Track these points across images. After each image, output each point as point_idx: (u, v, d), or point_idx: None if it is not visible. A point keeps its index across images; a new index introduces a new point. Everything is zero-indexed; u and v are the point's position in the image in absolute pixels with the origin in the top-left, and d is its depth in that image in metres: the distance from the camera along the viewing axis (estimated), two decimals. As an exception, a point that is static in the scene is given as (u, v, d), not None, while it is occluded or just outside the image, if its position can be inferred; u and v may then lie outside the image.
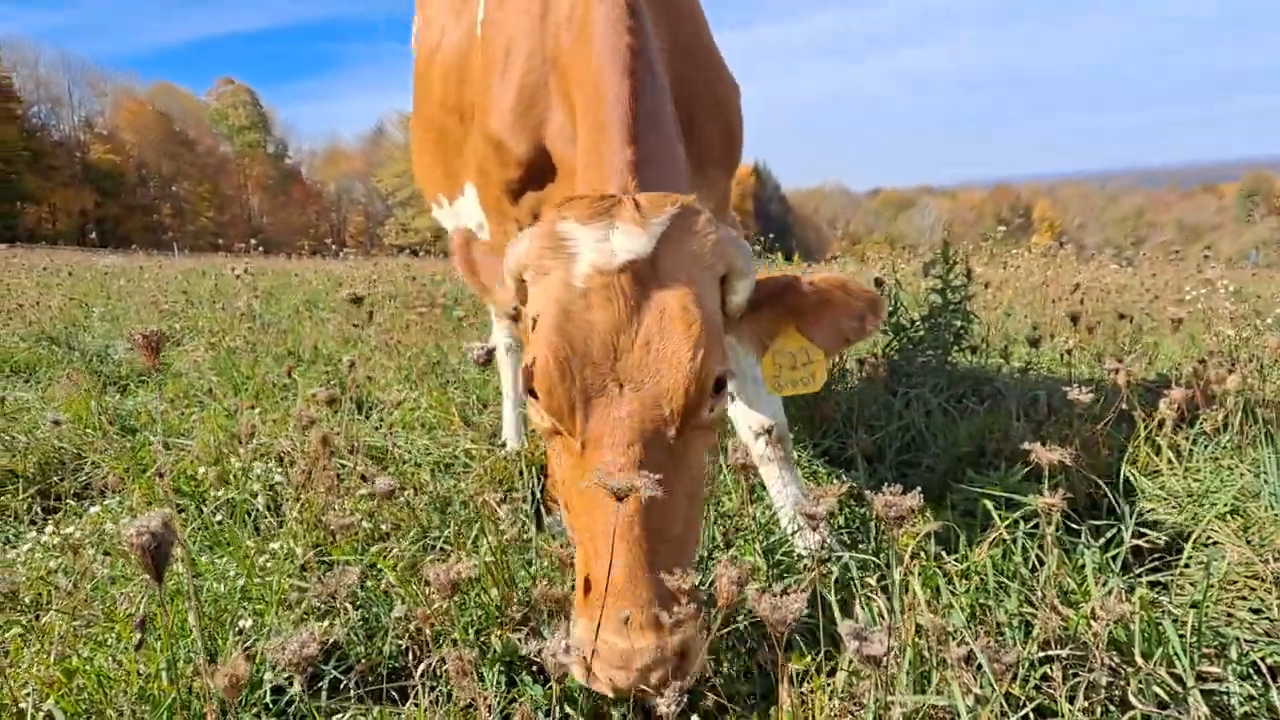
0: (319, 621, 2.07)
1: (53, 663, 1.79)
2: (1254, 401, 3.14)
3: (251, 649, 1.88)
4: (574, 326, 1.81)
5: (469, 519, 2.73)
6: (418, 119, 3.67)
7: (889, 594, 1.95)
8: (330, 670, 1.95)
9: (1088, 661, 1.69)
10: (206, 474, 3.17)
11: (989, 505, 2.29)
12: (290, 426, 3.58)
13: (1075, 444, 2.73)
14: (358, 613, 2.09)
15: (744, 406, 2.93)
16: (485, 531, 2.36)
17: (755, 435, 2.80)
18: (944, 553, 2.18)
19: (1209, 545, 2.44)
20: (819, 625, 1.91)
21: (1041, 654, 1.75)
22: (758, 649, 2.05)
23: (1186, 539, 2.40)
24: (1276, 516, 2.46)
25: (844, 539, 2.66)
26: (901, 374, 4.05)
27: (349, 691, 1.93)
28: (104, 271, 15.27)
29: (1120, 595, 1.77)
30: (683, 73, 2.57)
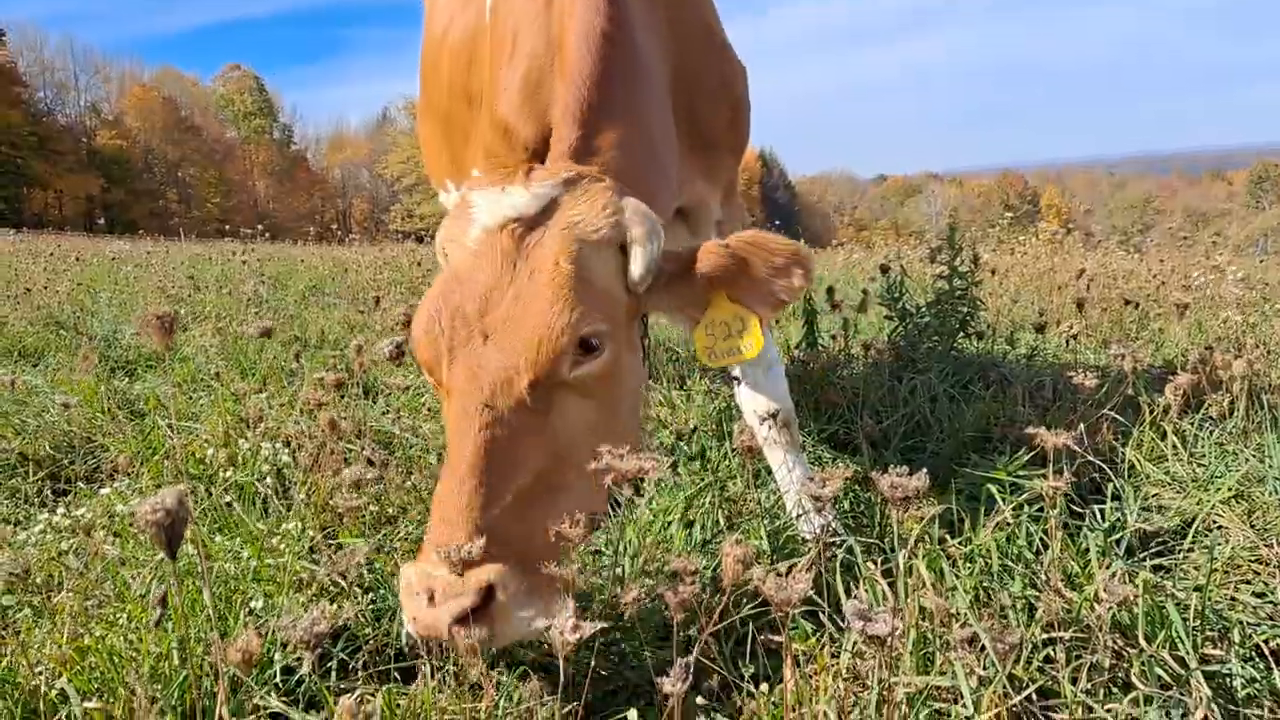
0: (329, 603, 2.08)
1: (66, 641, 1.81)
2: (1260, 387, 3.14)
3: (263, 627, 1.89)
4: (456, 283, 1.89)
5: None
6: (425, 105, 3.66)
7: (893, 577, 1.96)
8: (338, 652, 1.97)
9: (1091, 644, 1.70)
10: (216, 455, 3.19)
11: (993, 489, 2.29)
12: (298, 410, 3.60)
13: (1080, 429, 2.73)
14: (366, 596, 2.11)
15: (749, 391, 2.94)
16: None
17: (760, 420, 2.81)
18: (948, 536, 2.19)
19: (1213, 530, 2.44)
20: (822, 608, 1.93)
21: (1045, 636, 1.76)
22: (761, 631, 2.07)
23: (1191, 523, 2.41)
24: (1281, 501, 2.46)
25: (848, 523, 2.68)
26: (907, 360, 4.05)
27: (357, 673, 1.95)
28: (111, 257, 15.29)
29: (1124, 578, 1.78)
30: (685, 57, 2.56)
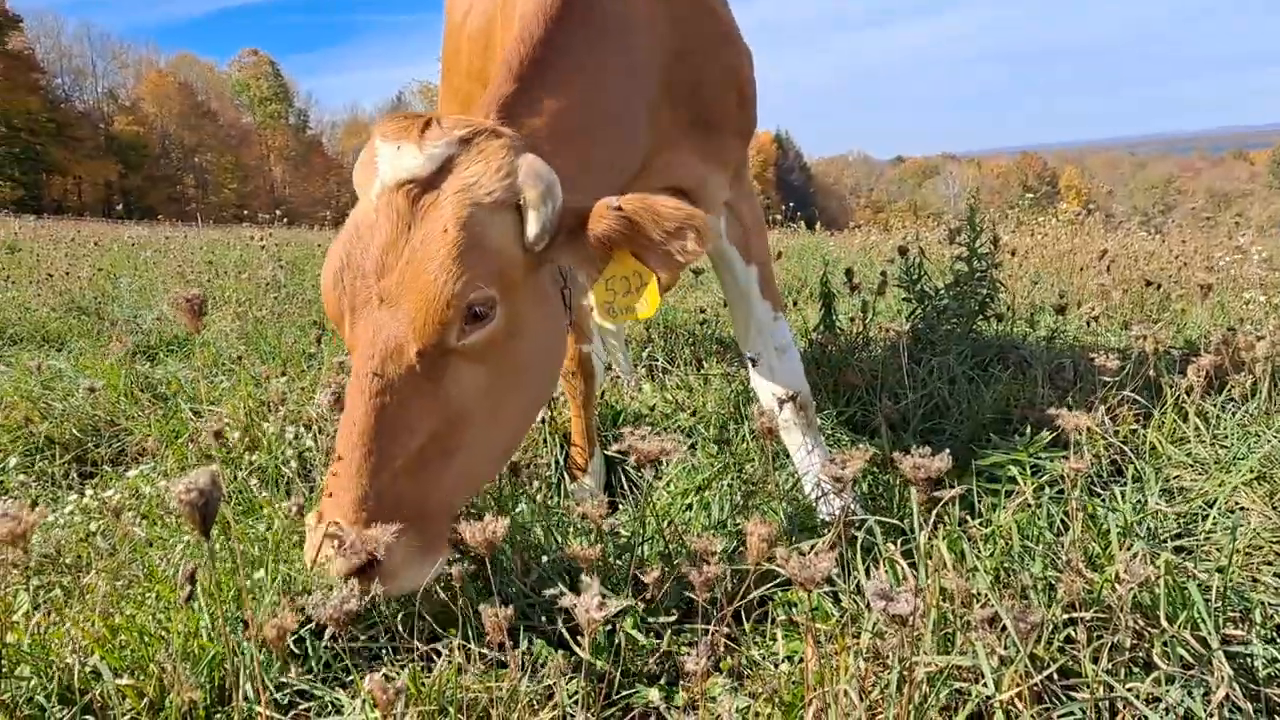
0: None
1: (98, 620, 1.84)
2: (1283, 368, 3.11)
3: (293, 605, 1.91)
4: (357, 238, 1.89)
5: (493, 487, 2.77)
6: (445, 88, 3.67)
7: (913, 558, 1.97)
8: (351, 636, 2.00)
9: (1112, 624, 1.70)
10: (240, 439, 3.22)
11: (1013, 470, 2.29)
12: (318, 394, 3.63)
13: (1101, 410, 2.73)
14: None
15: (765, 374, 2.94)
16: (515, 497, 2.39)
17: (779, 402, 2.81)
18: (968, 518, 2.20)
19: (1235, 511, 2.44)
20: (843, 589, 1.94)
21: (1065, 616, 1.76)
22: (781, 610, 2.08)
23: (1212, 505, 2.40)
24: (1304, 483, 2.45)
25: (868, 505, 2.68)
26: (926, 342, 4.04)
27: (381, 653, 1.97)
28: (130, 243, 15.38)
29: (1145, 559, 1.78)
30: (687, 40, 2.55)
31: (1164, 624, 1.72)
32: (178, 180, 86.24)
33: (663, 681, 1.95)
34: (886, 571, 1.91)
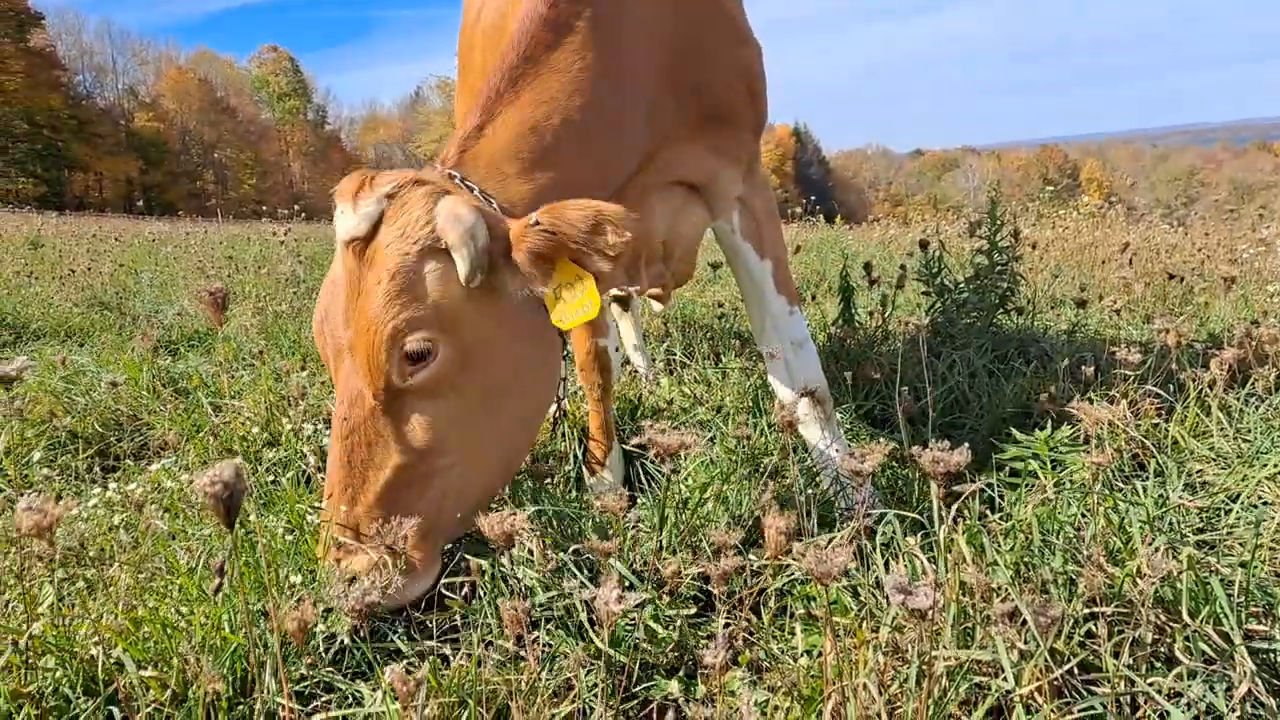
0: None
1: (121, 612, 1.86)
2: (1308, 362, 3.08)
3: (315, 599, 1.93)
4: (331, 293, 2.11)
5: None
6: (461, 85, 3.67)
7: (932, 552, 1.96)
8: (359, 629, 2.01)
9: (1133, 619, 1.69)
10: (259, 434, 3.25)
11: (1034, 464, 2.28)
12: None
13: (1123, 404, 2.70)
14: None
15: (782, 369, 2.93)
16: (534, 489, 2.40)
17: (798, 397, 2.80)
18: (988, 512, 2.19)
19: (1258, 505, 2.41)
20: (862, 583, 1.93)
21: (1086, 611, 1.75)
22: (799, 604, 2.08)
23: (1235, 499, 2.38)
24: (1328, 477, 2.42)
25: (886, 499, 2.67)
26: (945, 336, 4.02)
27: (400, 647, 1.98)
28: (151, 238, 15.50)
29: (1167, 554, 1.77)
30: (692, 38, 2.55)
31: (1186, 619, 1.71)
32: (197, 176, 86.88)
33: (681, 674, 1.96)
34: (905, 566, 1.91)
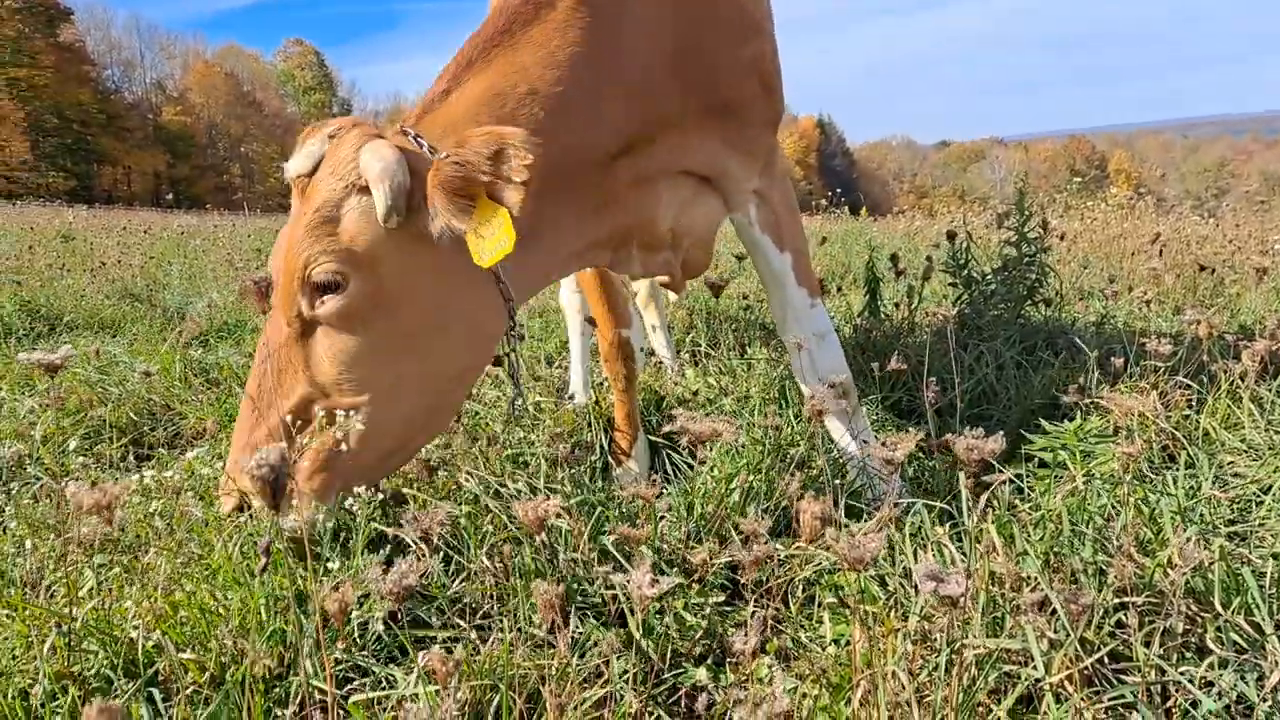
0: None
1: (160, 596, 1.89)
2: (1341, 353, 3.04)
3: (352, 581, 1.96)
4: (286, 228, 2.24)
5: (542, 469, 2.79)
6: None
7: (961, 542, 1.97)
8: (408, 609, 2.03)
9: (1164, 609, 1.69)
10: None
11: (1063, 455, 2.27)
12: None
13: (1153, 395, 2.69)
14: (438, 555, 2.16)
15: (805, 360, 2.93)
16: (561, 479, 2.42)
17: (821, 388, 2.80)
18: (1017, 502, 2.19)
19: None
20: (890, 572, 1.94)
21: (1116, 601, 1.75)
22: (827, 593, 2.08)
23: (1267, 491, 2.37)
24: (1362, 469, 2.40)
25: (913, 490, 2.67)
26: (973, 328, 4.01)
27: (433, 632, 2.01)
28: (179, 231, 15.67)
29: (1199, 544, 1.76)
30: (699, 28, 2.55)
31: (1218, 609, 1.71)
32: (224, 170, 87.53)
33: (709, 662, 1.97)
34: (934, 555, 1.91)
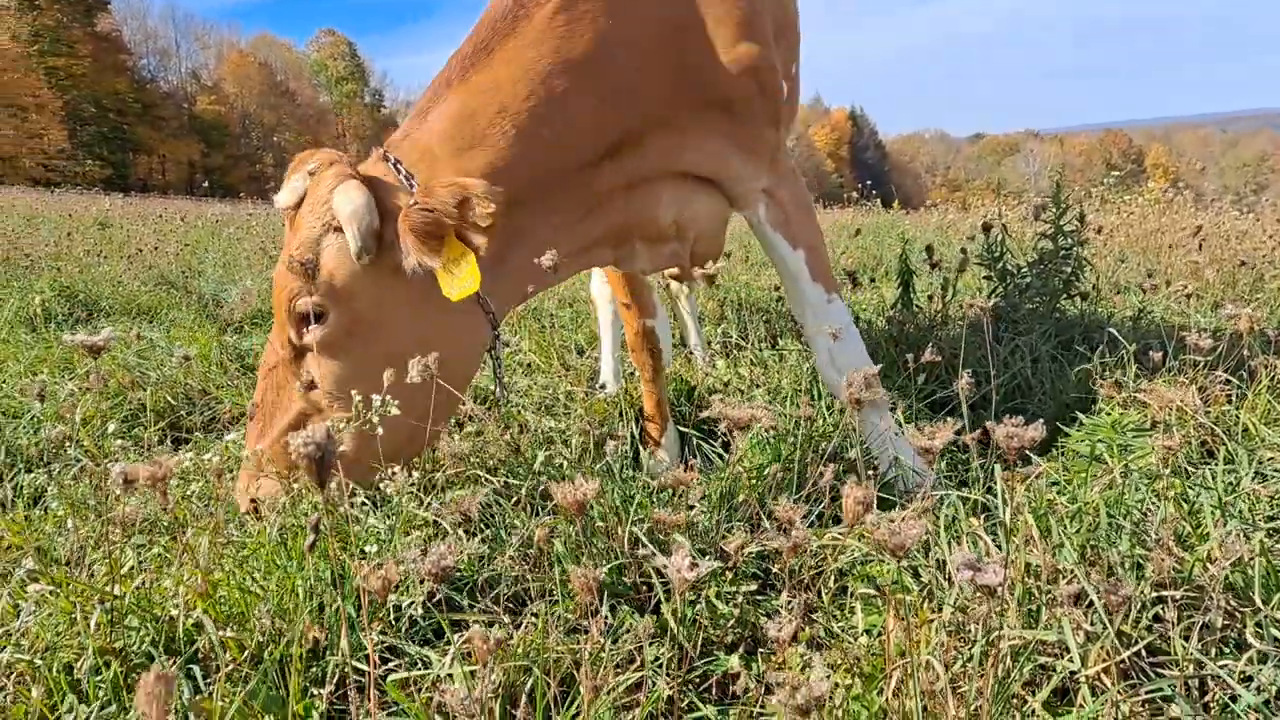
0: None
1: (201, 573, 1.92)
2: (1385, 350, 2.99)
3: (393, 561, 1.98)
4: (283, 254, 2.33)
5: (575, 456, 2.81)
6: None
7: (996, 535, 1.96)
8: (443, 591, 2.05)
9: (1203, 603, 1.67)
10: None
11: (1101, 449, 2.25)
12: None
13: (1192, 390, 2.66)
14: (474, 539, 2.18)
15: (825, 356, 2.90)
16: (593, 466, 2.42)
17: (844, 383, 2.79)
18: (1054, 495, 2.17)
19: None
20: (924, 563, 1.93)
21: (1154, 595, 1.74)
22: (860, 584, 2.08)
23: (1309, 487, 2.34)
24: (1406, 467, 2.36)
25: (946, 483, 2.66)
26: (1007, 321, 3.98)
27: (466, 614, 2.02)
28: (214, 220, 15.83)
29: (1238, 539, 1.74)
30: (684, 35, 2.55)
31: (1258, 604, 1.69)
32: (257, 159, 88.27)
33: (741, 651, 1.97)
34: (969, 546, 1.90)
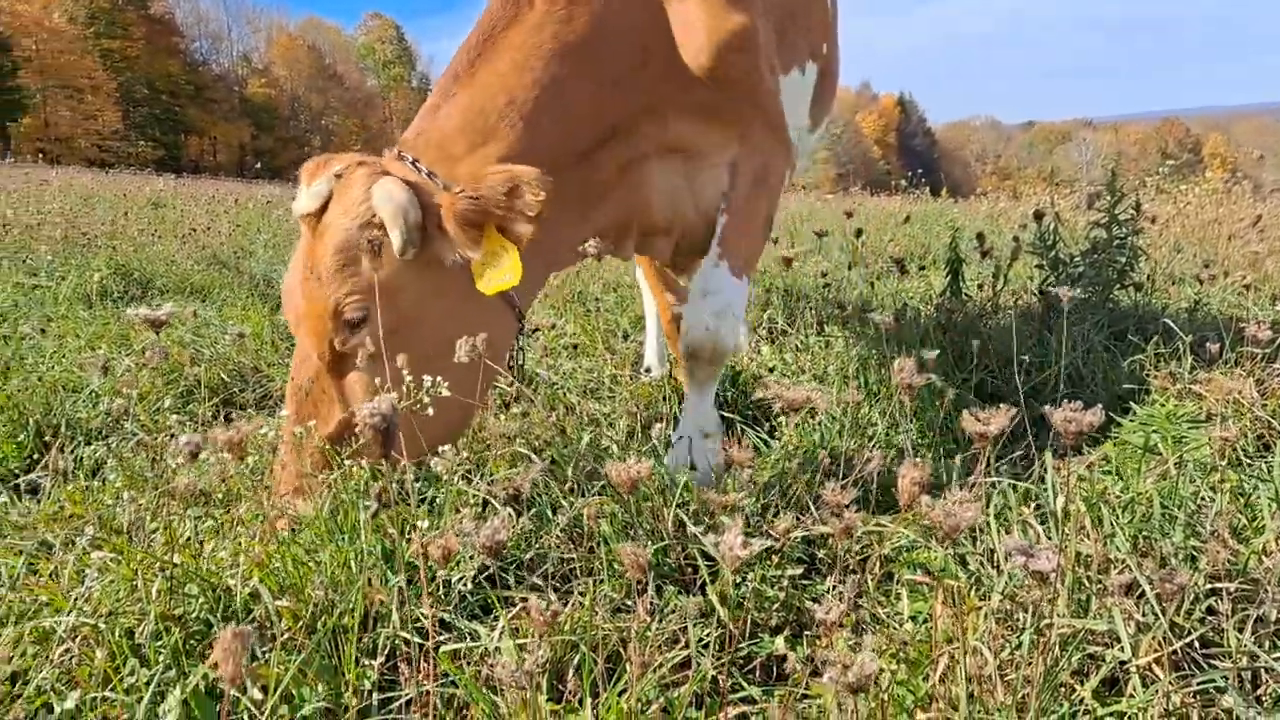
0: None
1: (258, 544, 1.97)
2: None
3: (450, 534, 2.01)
4: (294, 267, 2.34)
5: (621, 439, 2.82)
6: None
7: (1046, 524, 1.94)
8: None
9: (1258, 596, 1.65)
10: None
11: (1155, 439, 2.22)
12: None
13: (1249, 383, 2.61)
14: (520, 518, 2.20)
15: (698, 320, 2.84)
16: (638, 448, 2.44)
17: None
18: (1107, 484, 2.15)
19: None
20: (972, 551, 1.92)
21: (1208, 586, 1.72)
22: (906, 570, 2.08)
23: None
24: None
25: (998, 470, 2.64)
26: (1058, 310, 3.92)
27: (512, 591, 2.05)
28: (265, 201, 16.05)
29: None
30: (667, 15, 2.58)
31: (1315, 598, 1.66)
32: (305, 142, 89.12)
33: (786, 634, 1.98)
34: (1020, 533, 1.89)
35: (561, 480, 2.40)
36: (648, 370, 4.16)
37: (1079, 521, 1.73)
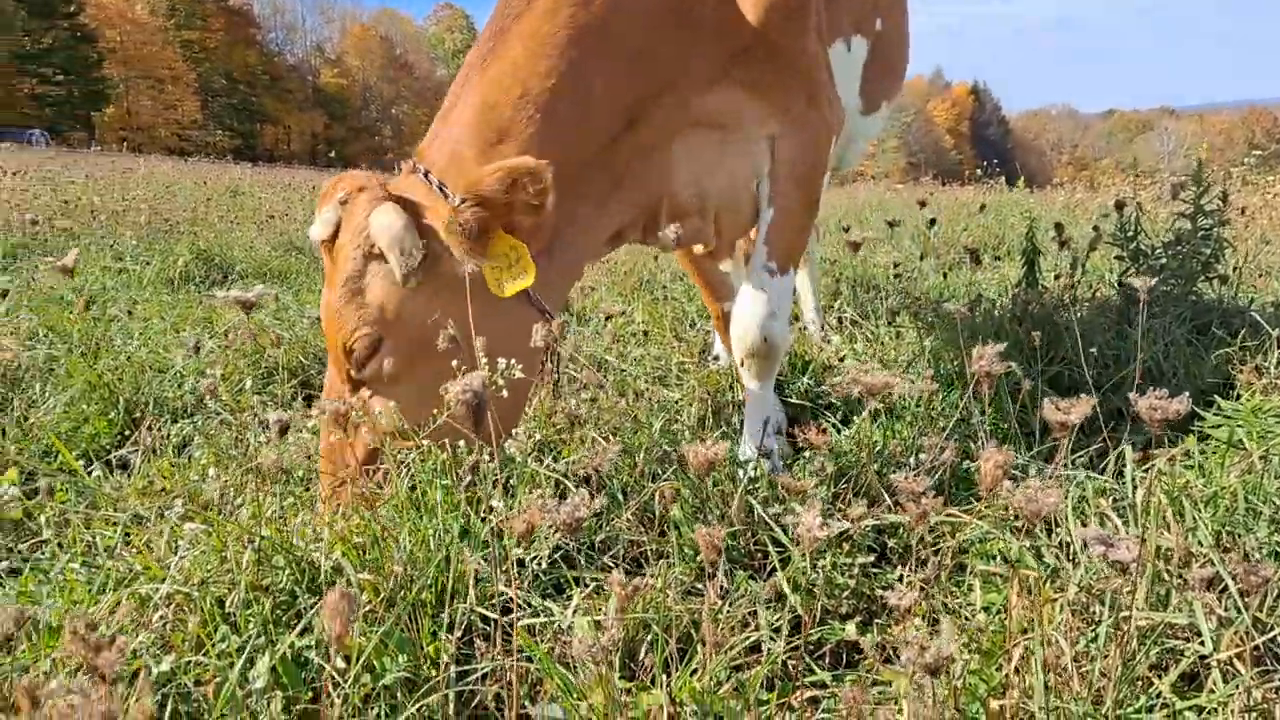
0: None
1: (340, 519, 2.03)
2: None
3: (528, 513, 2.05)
4: (327, 286, 2.32)
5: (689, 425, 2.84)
6: None
7: (1125, 517, 1.91)
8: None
9: (1347, 595, 1.61)
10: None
11: (1240, 433, 2.17)
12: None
13: (1341, 378, 2.53)
14: (594, 500, 2.24)
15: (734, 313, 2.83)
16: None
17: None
18: (1189, 477, 2.10)
19: None
20: (1047, 543, 1.90)
21: (1294, 584, 1.68)
22: (979, 562, 2.06)
23: None
24: None
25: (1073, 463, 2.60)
26: (1138, 302, 3.83)
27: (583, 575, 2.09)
28: (339, 189, 16.34)
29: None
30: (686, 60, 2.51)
31: None
32: (376, 131, 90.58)
33: (857, 620, 1.98)
34: (1098, 524, 1.87)
35: (631, 465, 2.43)
36: (715, 358, 4.16)
37: (1160, 514, 1.70)
